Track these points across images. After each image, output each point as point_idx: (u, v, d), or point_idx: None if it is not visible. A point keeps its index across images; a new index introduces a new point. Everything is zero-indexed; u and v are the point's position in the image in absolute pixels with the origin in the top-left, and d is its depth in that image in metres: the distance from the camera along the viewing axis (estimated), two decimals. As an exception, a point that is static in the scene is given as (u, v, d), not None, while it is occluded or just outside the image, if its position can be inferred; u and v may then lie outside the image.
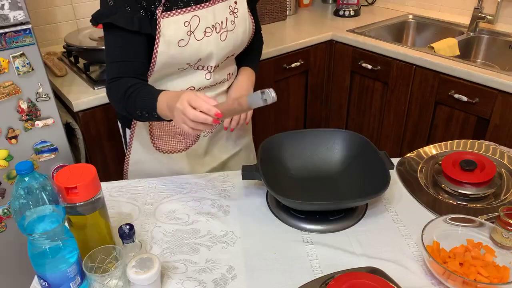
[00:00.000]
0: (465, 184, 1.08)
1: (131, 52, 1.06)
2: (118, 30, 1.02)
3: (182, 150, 1.26)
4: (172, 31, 1.05)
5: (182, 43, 1.06)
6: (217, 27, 1.11)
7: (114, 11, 1.01)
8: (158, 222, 1.05)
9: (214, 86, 1.20)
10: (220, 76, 1.20)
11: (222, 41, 1.12)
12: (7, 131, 1.46)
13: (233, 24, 1.14)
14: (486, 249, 0.89)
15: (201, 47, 1.09)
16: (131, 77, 1.06)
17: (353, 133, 1.17)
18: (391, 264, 0.90)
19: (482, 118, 1.71)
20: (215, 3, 1.10)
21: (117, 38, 1.04)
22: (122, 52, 1.06)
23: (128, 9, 1.01)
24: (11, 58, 1.40)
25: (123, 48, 1.05)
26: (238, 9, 1.15)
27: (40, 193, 0.77)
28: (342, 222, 1.02)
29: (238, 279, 0.89)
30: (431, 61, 1.79)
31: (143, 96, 1.02)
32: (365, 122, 2.24)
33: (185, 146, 1.26)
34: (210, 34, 1.09)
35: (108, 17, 1.01)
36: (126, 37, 1.03)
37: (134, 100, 1.03)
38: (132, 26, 1.01)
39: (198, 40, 1.08)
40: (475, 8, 2.05)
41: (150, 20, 1.04)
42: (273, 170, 1.10)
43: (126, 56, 1.06)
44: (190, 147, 1.26)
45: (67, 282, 0.81)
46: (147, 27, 1.04)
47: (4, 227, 1.59)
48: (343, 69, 2.22)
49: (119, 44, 1.05)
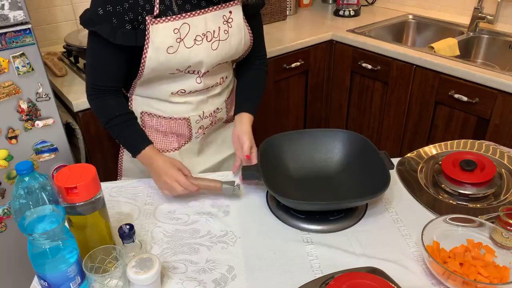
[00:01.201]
0: (465, 184, 1.08)
1: (111, 62, 1.09)
2: (102, 39, 1.03)
3: (174, 149, 1.25)
4: (161, 38, 1.05)
5: (171, 50, 1.06)
6: (209, 36, 1.10)
7: (101, 21, 1.02)
8: (158, 222, 1.05)
9: (206, 90, 1.19)
10: (211, 80, 1.19)
11: (214, 50, 1.12)
12: (7, 131, 1.46)
13: (227, 34, 1.13)
14: (486, 249, 0.89)
15: (190, 55, 1.08)
16: (112, 91, 1.13)
17: (353, 133, 1.17)
18: (391, 264, 0.90)
19: (482, 118, 1.71)
20: (207, 11, 1.09)
21: (100, 46, 1.06)
22: (102, 60, 1.09)
23: (115, 22, 1.02)
24: (11, 58, 1.40)
25: (104, 58, 1.08)
26: (233, 19, 1.13)
27: (40, 193, 0.77)
28: (342, 222, 1.02)
29: (238, 279, 0.89)
30: (431, 61, 1.79)
31: (127, 137, 1.14)
32: (365, 122, 2.24)
33: (178, 145, 1.25)
34: (200, 42, 1.09)
35: (94, 26, 1.02)
36: (108, 47, 1.05)
37: (118, 134, 1.14)
38: (114, 40, 1.03)
39: (188, 48, 1.08)
40: (475, 8, 2.05)
41: (137, 30, 1.04)
42: (273, 170, 1.10)
43: (106, 65, 1.10)
44: (183, 146, 1.26)
45: (67, 282, 0.81)
46: (131, 40, 1.05)
47: (4, 227, 1.59)
48: (343, 69, 2.22)
49: (101, 53, 1.08)
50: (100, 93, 1.12)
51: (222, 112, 1.28)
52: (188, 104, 1.19)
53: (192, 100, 1.19)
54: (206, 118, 1.24)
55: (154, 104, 1.20)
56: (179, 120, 1.21)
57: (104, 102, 1.13)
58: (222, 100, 1.27)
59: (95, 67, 1.11)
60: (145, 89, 1.17)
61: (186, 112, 1.20)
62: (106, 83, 1.11)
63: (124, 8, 1.01)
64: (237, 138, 1.23)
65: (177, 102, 1.18)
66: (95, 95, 1.13)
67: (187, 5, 1.07)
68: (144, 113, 1.22)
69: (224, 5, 1.11)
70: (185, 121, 1.21)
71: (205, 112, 1.22)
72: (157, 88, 1.16)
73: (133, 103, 1.21)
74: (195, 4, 1.08)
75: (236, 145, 1.23)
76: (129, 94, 1.21)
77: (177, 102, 1.18)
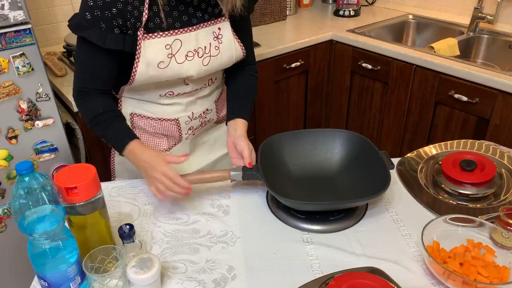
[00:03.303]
0: (465, 184, 1.08)
1: (100, 66, 1.08)
2: (91, 43, 1.03)
3: (165, 150, 1.25)
4: (152, 53, 1.05)
5: (162, 65, 1.06)
6: (200, 52, 1.10)
7: (90, 25, 1.01)
8: (158, 222, 1.05)
9: (194, 92, 1.19)
10: (199, 83, 1.19)
11: (205, 65, 1.11)
12: (7, 131, 1.46)
13: (218, 50, 1.13)
14: (486, 249, 0.89)
15: (181, 70, 1.08)
16: (99, 94, 1.11)
17: (353, 133, 1.17)
18: (391, 264, 0.90)
19: (482, 118, 1.71)
20: (199, 28, 1.09)
21: (89, 51, 1.06)
22: (90, 65, 1.08)
23: (103, 27, 1.01)
24: (11, 58, 1.40)
25: (92, 62, 1.08)
26: (223, 35, 1.13)
27: (40, 193, 0.77)
28: (342, 222, 1.02)
29: (238, 279, 0.89)
30: (431, 61, 1.79)
31: (112, 133, 1.11)
32: (365, 122, 2.24)
33: (168, 146, 1.25)
34: (191, 58, 1.09)
35: (83, 31, 1.02)
36: (97, 52, 1.05)
37: (103, 131, 1.11)
38: (103, 44, 1.02)
39: (179, 63, 1.08)
40: (475, 8, 2.05)
41: (125, 36, 1.04)
42: (273, 170, 1.10)
43: (94, 69, 1.09)
44: (174, 147, 1.26)
45: (67, 282, 0.81)
46: (119, 44, 1.04)
47: (4, 227, 1.59)
48: (343, 69, 2.22)
49: (89, 57, 1.07)
50: (87, 94, 1.11)
51: (212, 113, 1.27)
52: (177, 105, 1.19)
53: (181, 101, 1.19)
54: (195, 119, 1.23)
55: (143, 106, 1.20)
56: (168, 121, 1.20)
57: (90, 101, 1.12)
58: (211, 101, 1.26)
59: (84, 71, 1.10)
60: (133, 92, 1.18)
61: (175, 113, 1.20)
62: (95, 87, 1.10)
63: (112, 13, 1.00)
64: (233, 144, 1.16)
65: (166, 104, 1.18)
66: (82, 96, 1.11)
67: (177, 23, 1.07)
68: (134, 115, 1.21)
69: (213, 21, 1.11)
70: (175, 122, 1.21)
71: (195, 113, 1.22)
72: (145, 91, 1.16)
73: (123, 104, 1.22)
74: (186, 22, 1.08)
75: (233, 152, 1.17)
76: (118, 96, 1.21)
77: (166, 103, 1.18)
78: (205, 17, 1.10)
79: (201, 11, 1.09)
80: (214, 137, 1.34)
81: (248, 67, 1.29)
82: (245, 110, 1.23)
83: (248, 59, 1.27)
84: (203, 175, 1.08)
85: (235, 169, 1.07)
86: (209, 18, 1.11)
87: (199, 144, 1.31)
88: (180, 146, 1.26)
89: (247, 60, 1.26)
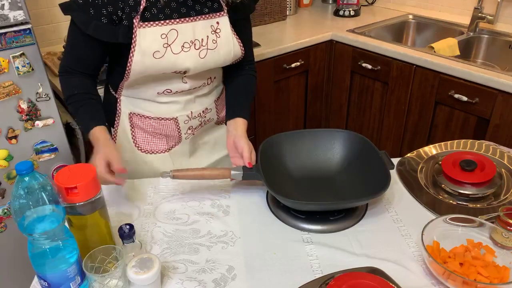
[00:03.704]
0: (465, 184, 1.08)
1: (84, 50, 1.11)
2: (77, 26, 1.05)
3: (164, 150, 1.25)
4: (148, 42, 1.05)
5: (157, 55, 1.06)
6: (197, 44, 1.10)
7: (79, 8, 1.03)
8: (158, 222, 1.05)
9: (193, 90, 1.19)
10: (198, 81, 1.18)
11: (202, 58, 1.11)
12: (7, 131, 1.46)
13: (215, 44, 1.13)
14: (486, 249, 0.89)
15: (177, 61, 1.08)
16: (80, 75, 1.15)
17: (353, 133, 1.17)
18: (391, 264, 0.90)
19: (482, 118, 1.71)
20: (196, 19, 1.09)
21: (77, 33, 1.08)
22: (76, 47, 1.12)
23: (92, 12, 1.03)
24: (11, 58, 1.40)
25: (78, 45, 1.11)
26: (221, 29, 1.13)
27: (40, 193, 0.77)
28: (342, 222, 1.02)
29: (238, 279, 0.89)
30: (431, 61, 1.79)
31: (81, 115, 1.14)
32: (365, 122, 2.24)
33: (167, 147, 1.25)
34: (188, 49, 1.09)
35: (72, 12, 1.05)
36: (84, 36, 1.07)
37: (74, 112, 1.16)
38: (86, 29, 1.04)
39: (175, 54, 1.07)
40: (475, 8, 2.05)
41: (119, 26, 1.04)
42: (273, 170, 1.10)
43: (79, 53, 1.12)
44: (173, 147, 1.26)
45: (67, 282, 0.81)
46: (103, 35, 1.05)
47: (4, 227, 1.59)
48: (343, 69, 2.22)
49: (77, 40, 1.10)
50: (70, 73, 1.14)
51: (211, 113, 1.27)
52: (176, 103, 1.19)
53: (179, 100, 1.19)
54: (194, 118, 1.23)
55: (141, 105, 1.20)
56: (167, 121, 1.20)
57: (69, 80, 1.15)
58: (211, 100, 1.26)
59: (69, 51, 1.14)
60: (132, 90, 1.18)
61: (174, 112, 1.20)
62: (76, 68, 1.14)
63: (103, 1, 1.02)
64: (233, 144, 1.15)
65: (164, 102, 1.18)
66: (64, 73, 1.15)
67: (174, 14, 1.07)
68: (133, 114, 1.21)
69: (212, 15, 1.12)
70: (174, 121, 1.21)
71: (194, 112, 1.22)
72: (143, 88, 1.16)
73: (121, 104, 1.22)
74: (184, 13, 1.08)
75: (233, 152, 1.16)
76: (117, 95, 1.21)
77: (164, 102, 1.18)
78: (204, 11, 1.10)
79: (200, 4, 1.10)
80: (214, 138, 1.34)
81: (248, 66, 1.29)
82: (244, 110, 1.23)
83: (247, 59, 1.27)
84: (203, 172, 1.08)
85: (236, 168, 1.07)
86: (208, 12, 1.11)
87: (199, 145, 1.31)
88: (180, 147, 1.26)
89: (246, 59, 1.26)
